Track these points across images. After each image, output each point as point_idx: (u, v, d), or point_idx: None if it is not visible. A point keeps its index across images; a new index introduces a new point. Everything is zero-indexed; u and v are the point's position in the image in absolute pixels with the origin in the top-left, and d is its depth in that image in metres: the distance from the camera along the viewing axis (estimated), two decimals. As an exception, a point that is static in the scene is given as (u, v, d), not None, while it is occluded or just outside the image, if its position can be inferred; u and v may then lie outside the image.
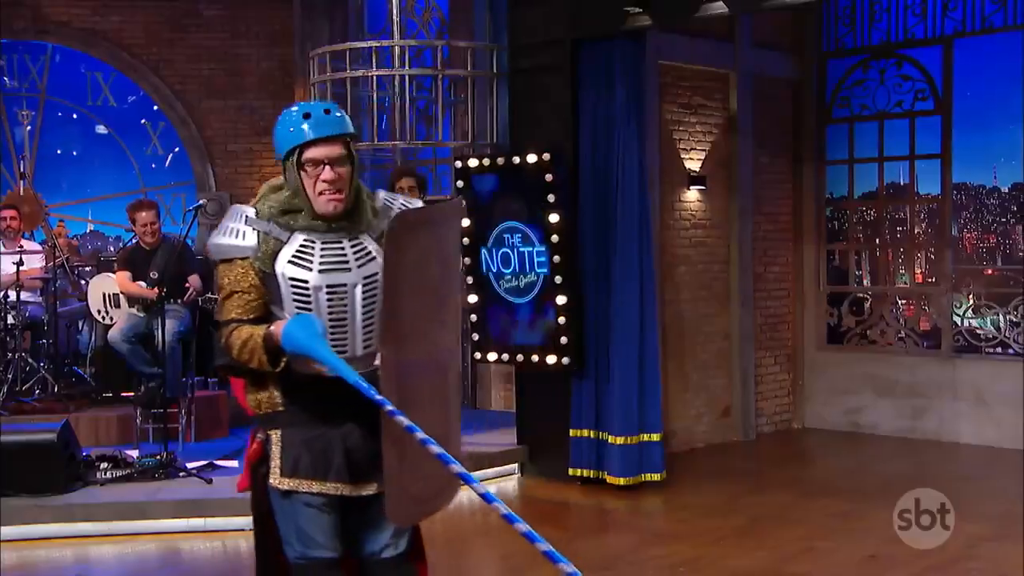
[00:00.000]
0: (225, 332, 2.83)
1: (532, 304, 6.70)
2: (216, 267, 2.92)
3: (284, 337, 2.71)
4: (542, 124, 6.78)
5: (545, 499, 6.46)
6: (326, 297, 2.78)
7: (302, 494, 2.86)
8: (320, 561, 2.88)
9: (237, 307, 2.82)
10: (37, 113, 10.10)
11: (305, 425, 2.86)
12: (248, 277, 2.81)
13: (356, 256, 2.82)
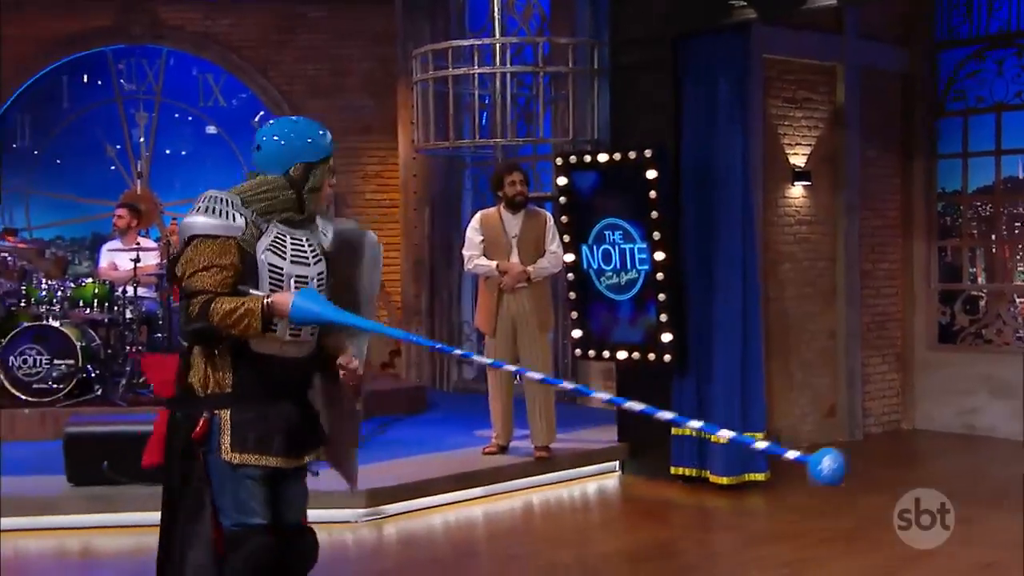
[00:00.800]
0: (198, 301, 3.06)
1: (633, 301, 6.66)
2: (189, 241, 3.15)
3: (295, 308, 3.06)
4: (644, 120, 6.73)
5: (646, 497, 6.42)
6: (294, 285, 3.18)
7: (248, 467, 3.17)
8: (256, 527, 3.20)
9: (214, 280, 3.08)
10: (153, 115, 10.47)
11: (250, 404, 3.17)
12: (230, 255, 3.11)
13: (312, 253, 3.27)
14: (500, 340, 6.52)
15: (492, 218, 6.60)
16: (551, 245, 6.55)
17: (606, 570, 5.18)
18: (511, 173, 6.58)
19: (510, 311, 6.50)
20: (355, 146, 10.26)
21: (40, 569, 5.30)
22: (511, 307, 6.50)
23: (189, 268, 3.12)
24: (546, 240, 6.54)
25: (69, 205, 10.65)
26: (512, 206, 6.54)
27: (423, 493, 6.09)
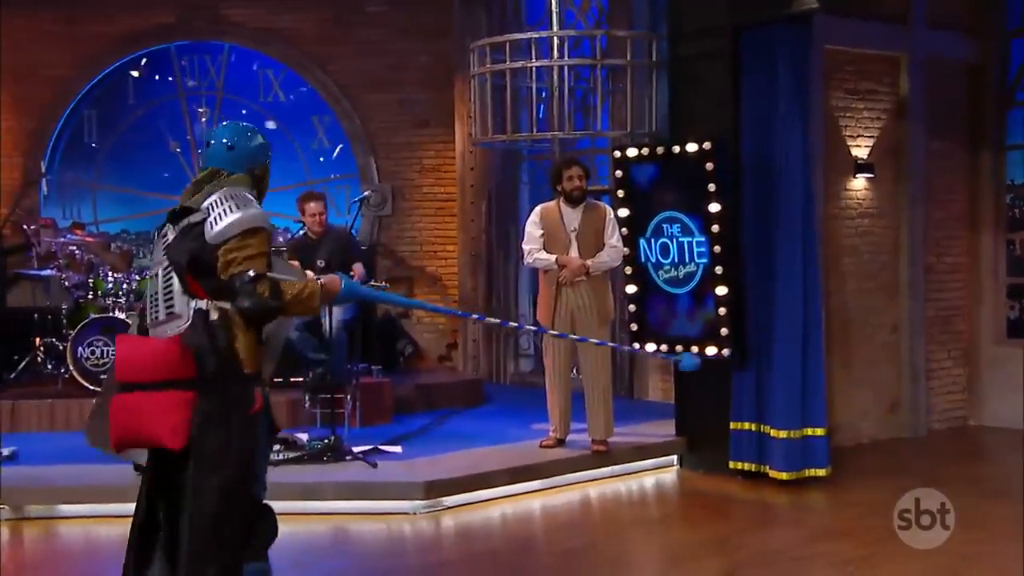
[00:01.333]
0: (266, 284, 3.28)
1: (691, 294, 6.62)
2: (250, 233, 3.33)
3: (346, 287, 3.53)
4: (702, 112, 6.68)
5: (705, 492, 6.39)
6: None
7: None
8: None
9: (265, 266, 3.33)
10: (214, 110, 10.61)
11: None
12: (269, 244, 3.41)
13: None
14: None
15: (552, 212, 6.60)
16: (611, 239, 6.53)
17: (665, 565, 5.16)
18: (570, 168, 6.57)
19: (569, 304, 6.50)
20: (412, 140, 10.32)
21: (110, 555, 5.41)
22: (570, 300, 6.50)
23: (245, 254, 3.29)
24: (606, 234, 6.53)
25: (133, 199, 10.84)
26: (570, 200, 6.54)
27: (481, 486, 6.12)
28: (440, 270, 10.32)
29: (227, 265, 3.29)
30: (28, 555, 5.31)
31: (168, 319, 3.40)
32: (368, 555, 5.36)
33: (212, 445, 3.30)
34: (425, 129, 10.30)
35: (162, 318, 3.41)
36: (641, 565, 5.12)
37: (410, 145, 10.31)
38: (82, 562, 5.28)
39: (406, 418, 7.82)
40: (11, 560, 5.13)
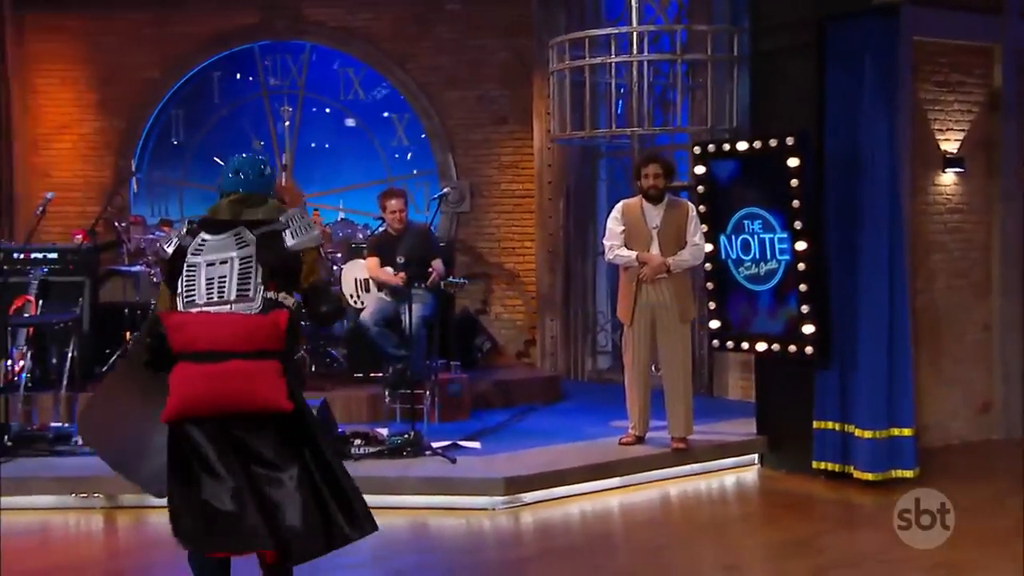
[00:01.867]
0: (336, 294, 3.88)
1: (773, 292, 6.53)
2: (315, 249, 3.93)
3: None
4: (785, 107, 6.58)
5: (787, 492, 6.29)
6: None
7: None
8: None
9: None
10: (296, 109, 10.79)
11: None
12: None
13: None
14: (637, 330, 6.49)
15: (634, 208, 6.57)
16: (693, 236, 6.47)
17: (746, 565, 5.10)
18: (647, 165, 6.53)
19: (649, 301, 6.47)
20: (490, 137, 10.34)
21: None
22: (650, 297, 6.46)
23: (319, 268, 3.99)
24: (688, 231, 6.47)
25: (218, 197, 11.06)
26: (648, 198, 6.49)
27: (560, 482, 6.12)
28: (518, 267, 10.34)
29: (309, 273, 3.89)
30: (121, 542, 5.46)
31: (239, 300, 3.74)
32: (448, 550, 5.39)
33: (307, 409, 3.81)
34: (503, 126, 10.33)
35: (232, 298, 3.74)
36: (722, 565, 5.06)
37: (488, 142, 10.34)
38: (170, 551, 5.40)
39: (484, 414, 7.86)
40: (105, 546, 5.28)
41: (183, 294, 3.76)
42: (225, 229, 3.84)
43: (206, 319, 3.69)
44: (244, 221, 3.85)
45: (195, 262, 3.78)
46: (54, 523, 5.73)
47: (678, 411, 6.50)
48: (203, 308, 3.71)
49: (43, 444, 6.42)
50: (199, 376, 3.59)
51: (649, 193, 6.48)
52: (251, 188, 3.95)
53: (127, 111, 10.57)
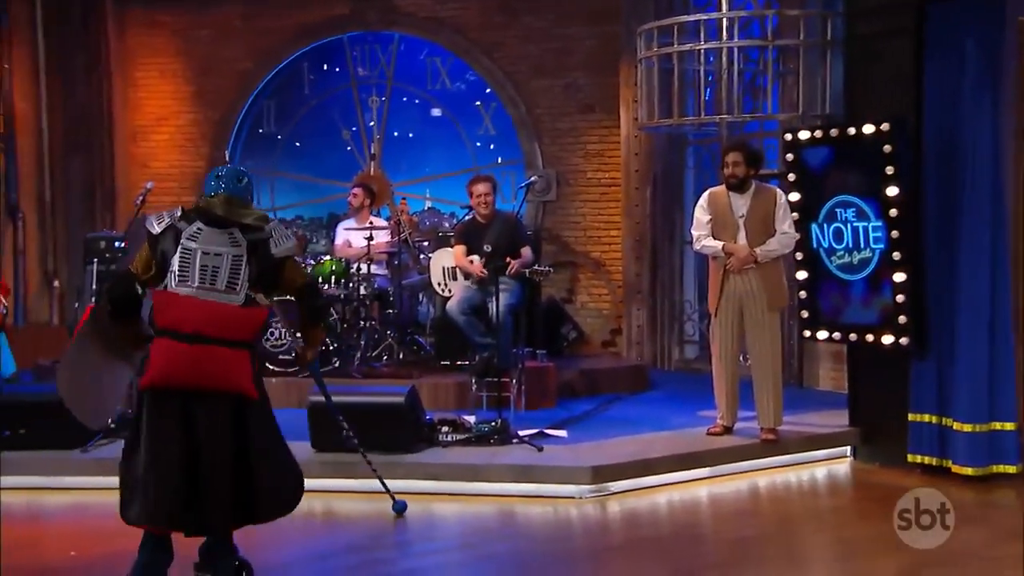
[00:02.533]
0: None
1: (867, 281, 6.39)
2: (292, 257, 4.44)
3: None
4: (881, 92, 6.42)
5: (881, 485, 6.16)
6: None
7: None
8: None
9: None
10: (384, 98, 10.90)
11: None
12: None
13: None
14: (724, 320, 6.43)
15: (720, 196, 6.49)
16: (782, 224, 6.37)
17: (839, 559, 5.02)
18: (727, 153, 6.44)
19: (736, 291, 6.40)
20: (577, 125, 10.32)
21: (290, 528, 5.65)
22: (737, 287, 6.39)
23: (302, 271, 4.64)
24: (776, 219, 6.37)
25: (308, 186, 11.27)
26: (729, 187, 6.40)
27: (647, 472, 6.10)
28: (604, 256, 10.31)
29: (299, 275, 4.49)
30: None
31: (227, 291, 4.20)
32: (535, 538, 5.42)
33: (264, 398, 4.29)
34: (590, 114, 10.29)
35: (222, 288, 4.19)
36: (813, 559, 4.99)
37: (575, 130, 10.32)
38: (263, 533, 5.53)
39: (570, 403, 7.86)
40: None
41: (177, 272, 4.19)
42: (221, 226, 4.26)
43: (193, 303, 4.14)
44: (238, 223, 4.26)
45: (191, 247, 4.21)
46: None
47: (767, 402, 6.42)
48: (195, 290, 4.15)
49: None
50: (180, 353, 4.07)
51: (730, 182, 6.39)
52: (230, 192, 4.34)
53: (221, 102, 10.83)
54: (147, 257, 4.33)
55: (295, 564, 4.98)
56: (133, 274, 4.35)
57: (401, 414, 6.15)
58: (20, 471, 6.10)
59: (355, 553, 5.06)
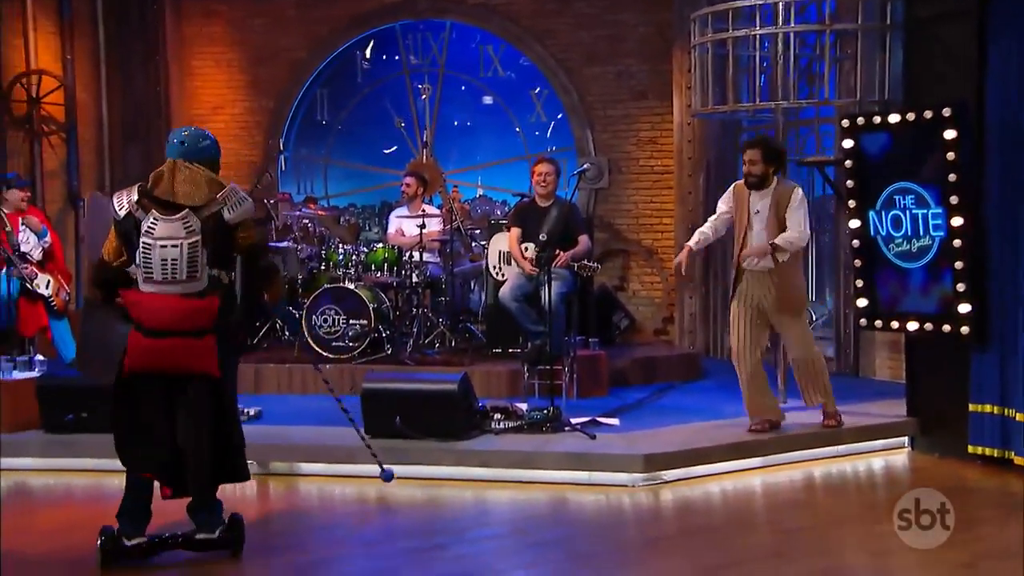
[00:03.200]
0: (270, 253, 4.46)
1: (926, 269, 6.29)
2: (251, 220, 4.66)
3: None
4: (942, 77, 6.30)
5: (939, 477, 6.06)
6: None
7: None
8: None
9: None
10: (436, 86, 10.92)
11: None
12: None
13: None
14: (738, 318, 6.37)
15: (741, 191, 6.39)
16: (792, 223, 6.17)
17: (894, 551, 4.93)
18: (745, 151, 6.35)
19: (753, 293, 6.31)
20: (629, 112, 10.26)
21: (342, 514, 5.73)
22: (752, 289, 6.30)
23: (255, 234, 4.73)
24: (788, 218, 6.17)
25: (361, 174, 11.34)
26: (748, 184, 6.31)
27: (700, 460, 6.06)
28: (656, 243, 10.25)
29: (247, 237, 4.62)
30: (272, 507, 5.67)
31: (188, 280, 4.51)
32: (587, 526, 5.41)
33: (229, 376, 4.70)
34: (642, 101, 10.23)
35: (183, 278, 4.50)
36: (870, 551, 4.92)
37: (627, 117, 10.26)
38: (319, 516, 5.60)
39: (622, 391, 7.84)
40: (259, 512, 5.50)
41: (142, 268, 4.52)
42: (175, 211, 4.51)
43: (154, 302, 4.50)
44: (190, 206, 4.51)
45: (149, 243, 4.50)
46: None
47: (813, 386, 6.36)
48: (159, 286, 4.50)
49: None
50: (146, 347, 4.51)
51: (748, 180, 6.28)
52: (189, 156, 4.64)
53: (275, 91, 10.93)
54: (116, 245, 4.62)
55: (348, 550, 5.03)
56: (106, 262, 4.65)
57: (454, 401, 6.17)
58: (83, 454, 6.25)
59: (407, 539, 5.10)
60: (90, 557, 4.58)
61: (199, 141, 4.75)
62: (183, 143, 4.69)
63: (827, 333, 8.98)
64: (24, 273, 7.68)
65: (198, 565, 4.63)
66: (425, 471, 6.00)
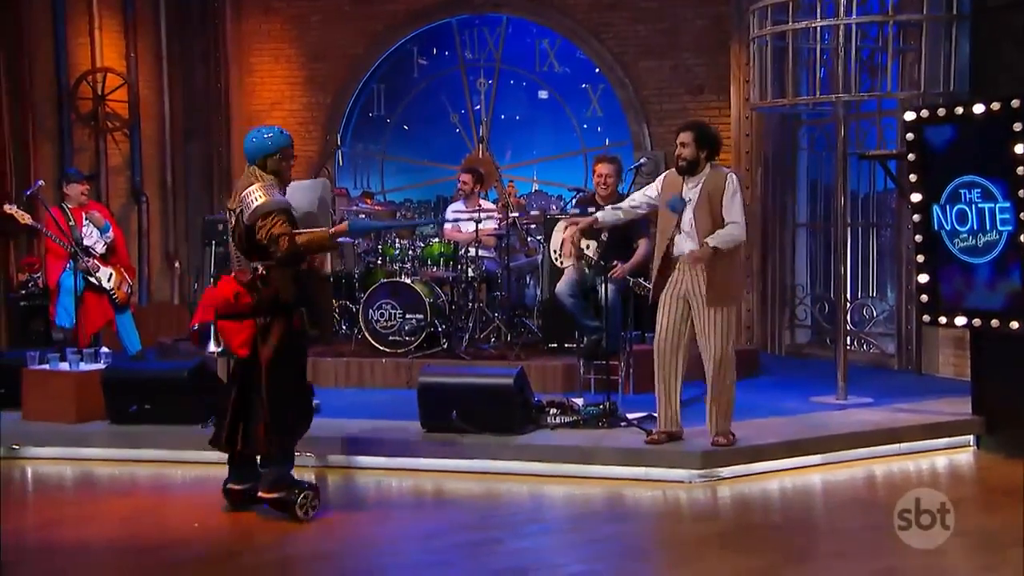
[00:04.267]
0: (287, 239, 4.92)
1: (992, 265, 6.15)
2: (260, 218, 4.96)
3: (354, 224, 5.74)
4: (1010, 68, 6.16)
5: (1006, 477, 5.93)
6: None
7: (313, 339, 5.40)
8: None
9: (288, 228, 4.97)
10: (492, 81, 10.93)
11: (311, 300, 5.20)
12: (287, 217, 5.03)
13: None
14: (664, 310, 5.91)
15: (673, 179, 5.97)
16: (729, 213, 5.77)
17: (961, 552, 4.84)
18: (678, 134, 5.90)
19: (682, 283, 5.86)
20: (686, 106, 10.18)
21: (399, 507, 5.77)
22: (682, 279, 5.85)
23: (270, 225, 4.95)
24: (724, 207, 5.77)
25: (417, 169, 11.40)
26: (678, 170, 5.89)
27: (758, 457, 6.00)
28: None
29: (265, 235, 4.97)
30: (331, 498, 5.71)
31: (238, 271, 5.15)
32: (645, 521, 5.40)
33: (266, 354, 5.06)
34: (699, 95, 10.14)
35: (236, 269, 5.19)
36: (931, 552, 4.82)
37: (684, 112, 10.16)
38: (374, 510, 5.64)
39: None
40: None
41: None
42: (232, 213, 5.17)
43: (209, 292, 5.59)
44: (230, 209, 5.17)
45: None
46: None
47: (711, 408, 5.92)
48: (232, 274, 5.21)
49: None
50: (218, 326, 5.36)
51: (679, 164, 5.86)
52: (247, 160, 5.20)
53: (332, 87, 11.02)
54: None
55: (403, 543, 5.05)
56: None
57: (510, 396, 6.17)
58: (146, 444, 6.37)
59: (463, 532, 5.11)
60: (153, 545, 4.66)
61: (246, 145, 5.22)
62: (244, 149, 5.24)
63: (889, 329, 8.84)
64: (87, 266, 7.83)
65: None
66: (481, 465, 6.02)
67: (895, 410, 6.61)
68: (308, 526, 4.90)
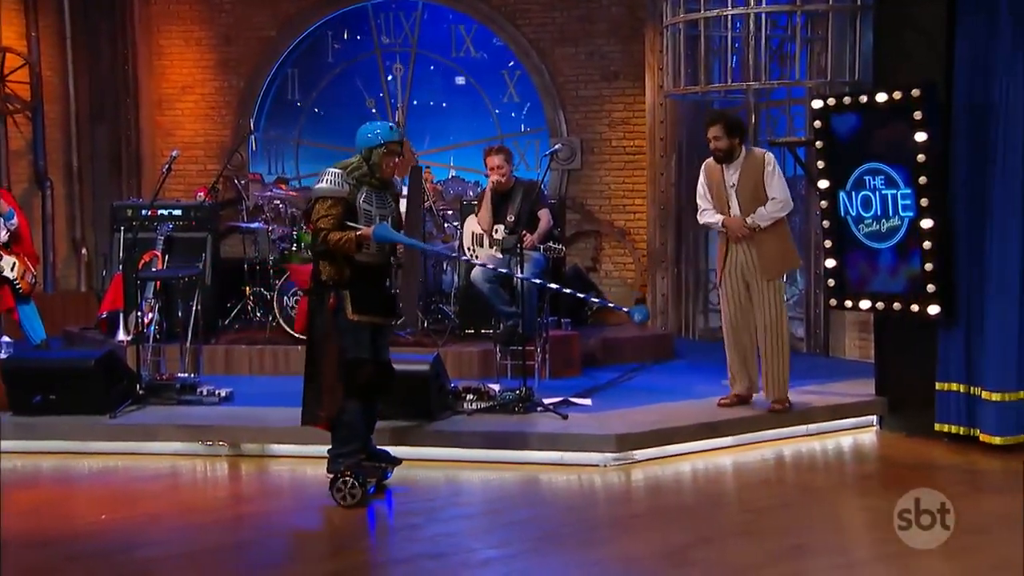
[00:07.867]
0: (323, 234, 5.14)
1: (895, 249, 6.33)
2: (316, 201, 5.22)
3: (374, 233, 5.16)
4: (911, 58, 6.33)
5: (907, 455, 6.13)
6: (378, 220, 5.25)
7: (364, 322, 5.22)
8: (365, 359, 5.24)
9: (329, 222, 5.14)
10: (408, 67, 10.85)
11: (360, 286, 5.23)
12: (337, 208, 5.16)
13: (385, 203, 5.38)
14: (727, 291, 6.46)
15: (714, 168, 6.46)
16: (771, 190, 6.30)
17: (865, 528, 5.01)
18: (707, 129, 6.39)
19: (739, 262, 6.39)
20: (601, 93, 10.26)
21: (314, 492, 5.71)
22: (739, 258, 6.39)
23: (320, 216, 5.17)
24: (765, 185, 6.30)
25: (332, 155, 11.24)
26: (717, 160, 6.39)
27: (671, 440, 6.09)
28: (628, 224, 10.27)
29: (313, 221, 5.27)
30: (244, 487, 5.65)
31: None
32: (559, 505, 5.44)
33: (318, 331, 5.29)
34: (615, 82, 10.22)
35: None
36: (838, 528, 4.98)
37: (599, 98, 10.26)
38: (288, 497, 5.59)
39: (594, 371, 7.86)
40: (230, 491, 5.49)
41: None
42: None
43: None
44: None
45: None
46: (182, 468, 5.97)
47: (770, 374, 6.40)
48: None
49: (171, 393, 6.67)
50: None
51: (716, 155, 6.37)
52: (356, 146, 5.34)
53: (245, 71, 10.83)
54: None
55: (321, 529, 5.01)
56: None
57: (426, 382, 6.15)
58: (51, 436, 6.20)
59: (381, 518, 5.09)
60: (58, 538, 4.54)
61: (358, 133, 5.32)
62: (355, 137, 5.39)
63: (797, 313, 9.04)
64: (-13, 254, 7.58)
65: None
66: (398, 451, 5.97)
67: (803, 392, 6.77)
68: (225, 514, 4.83)
